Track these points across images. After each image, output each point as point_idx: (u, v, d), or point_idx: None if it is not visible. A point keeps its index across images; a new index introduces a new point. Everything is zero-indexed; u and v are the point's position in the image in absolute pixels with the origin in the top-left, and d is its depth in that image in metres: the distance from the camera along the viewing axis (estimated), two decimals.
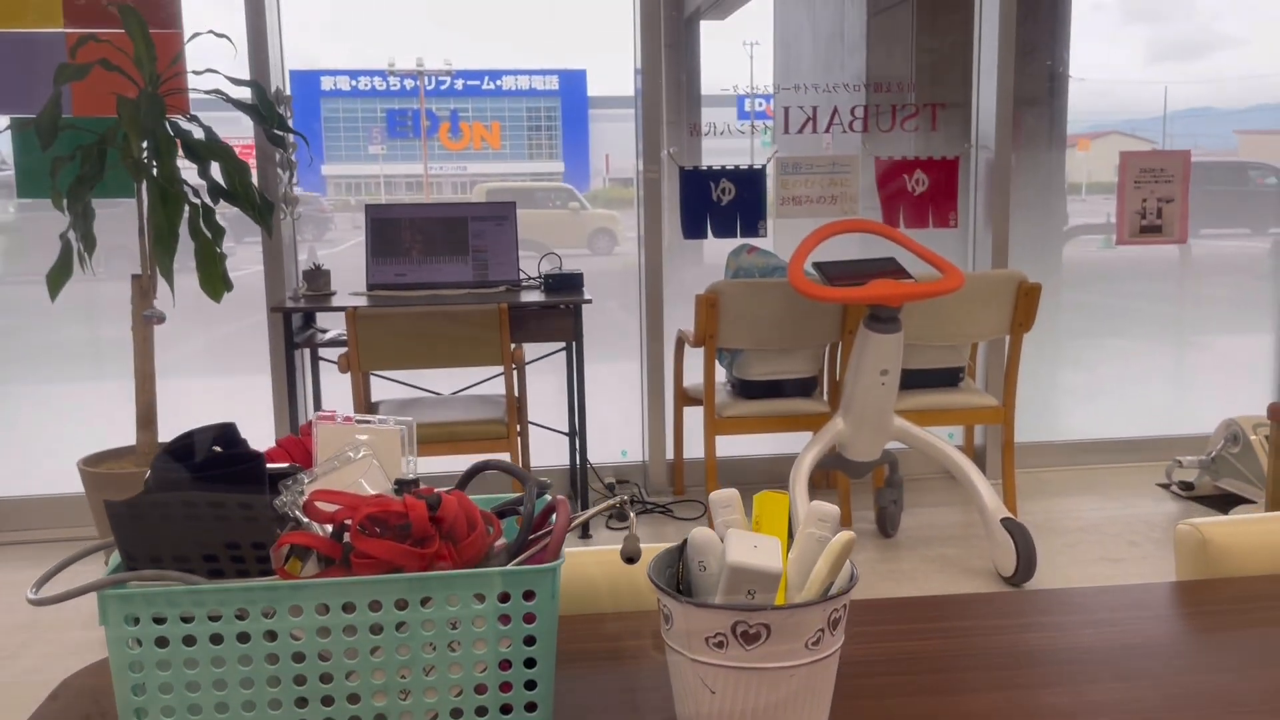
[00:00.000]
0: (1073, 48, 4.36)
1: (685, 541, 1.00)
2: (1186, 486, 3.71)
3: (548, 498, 1.04)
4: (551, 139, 5.80)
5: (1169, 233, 3.95)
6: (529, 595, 0.93)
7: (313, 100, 5.36)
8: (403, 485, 1.01)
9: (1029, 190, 4.24)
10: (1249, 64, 4.77)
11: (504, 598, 0.93)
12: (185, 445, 0.91)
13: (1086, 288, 4.60)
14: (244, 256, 3.88)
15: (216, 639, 0.87)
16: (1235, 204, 5.00)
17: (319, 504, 0.95)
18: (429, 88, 5.22)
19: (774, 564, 0.90)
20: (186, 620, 0.86)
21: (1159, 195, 3.94)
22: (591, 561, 1.22)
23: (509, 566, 0.96)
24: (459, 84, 5.34)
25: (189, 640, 0.87)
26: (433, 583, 0.91)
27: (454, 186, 6.03)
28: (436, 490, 0.99)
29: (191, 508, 0.85)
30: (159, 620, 0.86)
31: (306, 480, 0.97)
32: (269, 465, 0.98)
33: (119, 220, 3.35)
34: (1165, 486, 3.82)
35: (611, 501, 1.02)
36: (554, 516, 1.00)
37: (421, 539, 0.95)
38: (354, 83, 5.46)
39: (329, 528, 0.95)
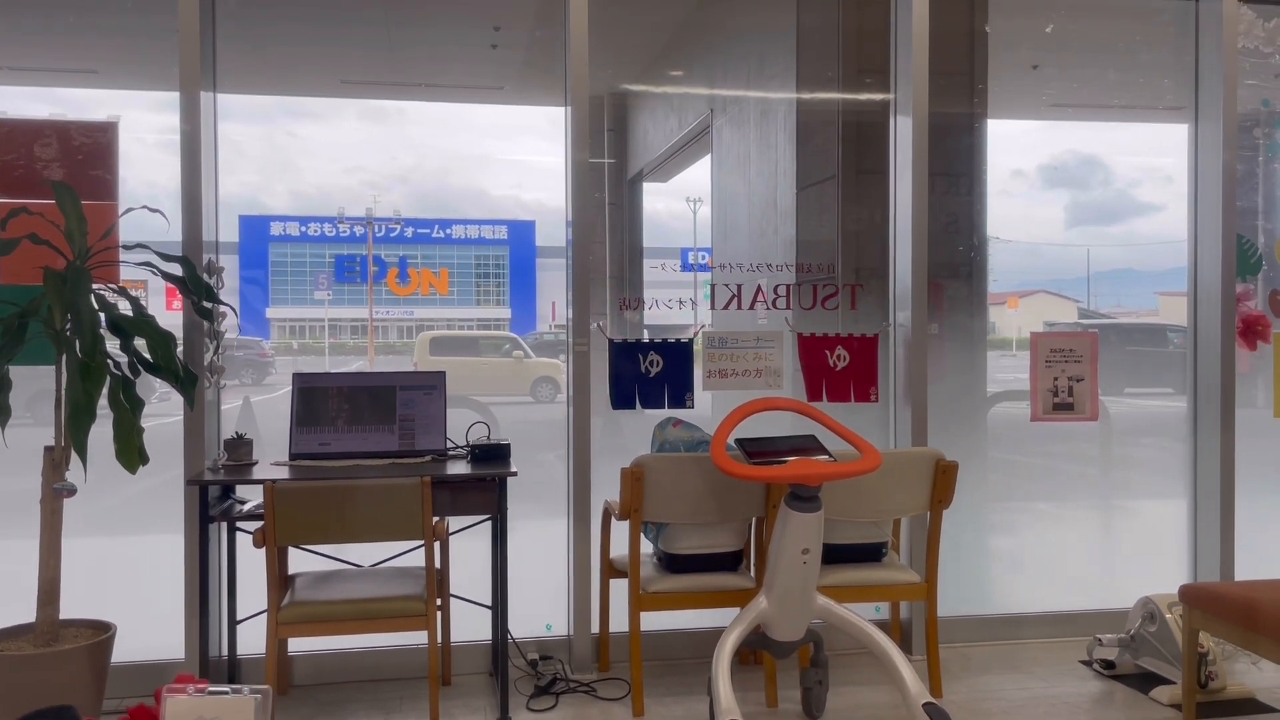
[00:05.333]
0: (995, 212, 4.59)
1: None
2: (1108, 665, 3.72)
3: None
4: (499, 286, 5.90)
5: (1080, 410, 4.09)
6: None
7: (261, 245, 5.42)
8: None
9: (954, 356, 4.38)
10: (1165, 230, 5.05)
11: None
12: None
13: (1012, 448, 4.70)
14: (176, 402, 3.83)
15: None
16: (1157, 364, 5.20)
17: None
18: (378, 234, 5.32)
19: None
20: None
21: (1069, 374, 4.10)
22: None
23: None
24: (409, 231, 5.45)
25: None
26: None
27: (399, 331, 6.06)
28: None
29: None
30: None
31: None
32: None
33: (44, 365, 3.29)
34: (1088, 664, 3.82)
35: None
36: None
37: None
38: (303, 228, 5.55)
39: None
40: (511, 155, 5.13)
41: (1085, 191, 5.11)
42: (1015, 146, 4.79)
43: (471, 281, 5.79)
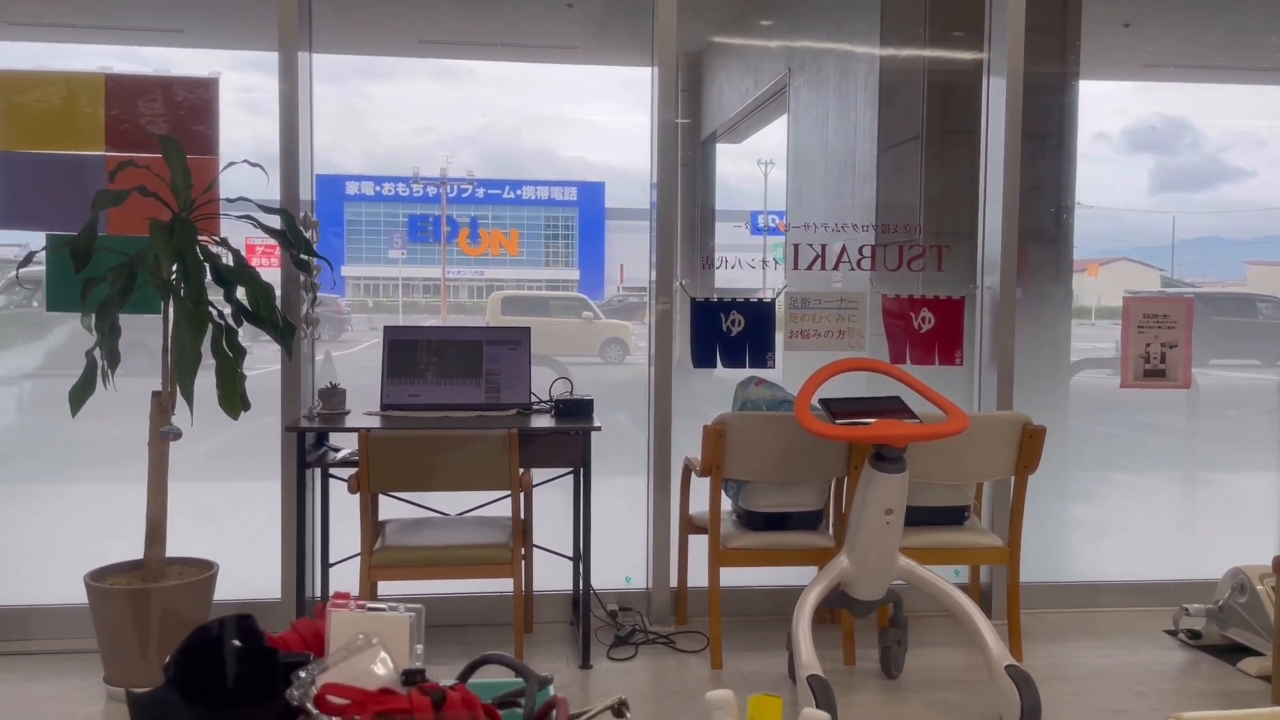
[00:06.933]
0: (1079, 176, 4.49)
1: None
2: (1194, 635, 3.67)
3: (550, 691, 1.07)
4: (568, 248, 5.94)
5: (1173, 377, 4.00)
6: None
7: (336, 204, 5.53)
8: (410, 676, 1.04)
9: (1037, 321, 4.31)
10: (1255, 195, 4.89)
11: None
12: (205, 640, 0.95)
13: (1095, 418, 4.62)
14: (259, 355, 3.96)
15: None
16: (1244, 335, 5.06)
17: (330, 697, 0.98)
18: (451, 195, 5.39)
19: None
20: None
21: (1163, 340, 4.01)
22: None
23: None
24: (480, 192, 5.51)
25: None
26: None
27: (470, 291, 6.15)
28: (441, 685, 1.02)
29: None
30: None
31: (318, 670, 1.00)
32: (283, 653, 1.02)
33: (140, 315, 3.41)
34: (1173, 634, 3.78)
35: (610, 703, 1.04)
36: (554, 713, 1.03)
37: None
38: (378, 188, 5.65)
39: None
40: (580, 116, 5.14)
41: (1172, 155, 4.96)
42: (1099, 109, 4.67)
43: (541, 242, 5.84)
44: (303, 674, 0.98)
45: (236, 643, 0.97)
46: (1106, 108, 4.79)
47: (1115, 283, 4.73)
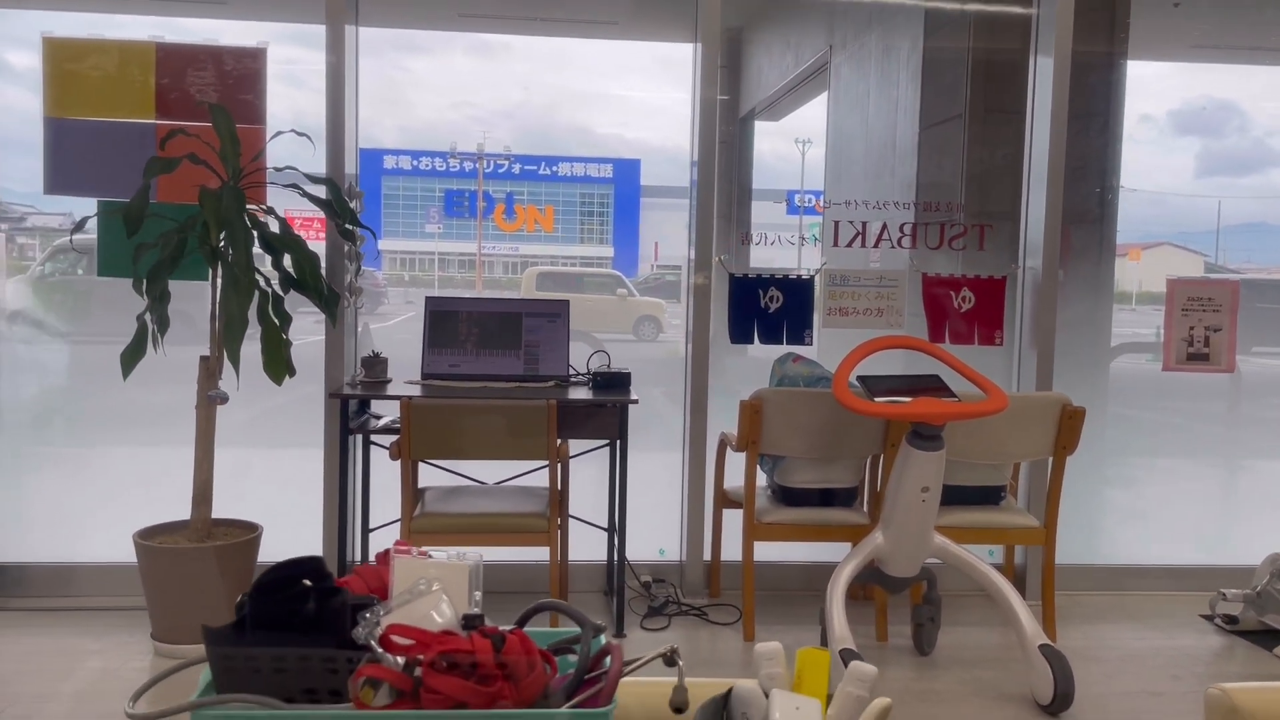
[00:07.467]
0: (1123, 158, 4.43)
1: (730, 692, 1.05)
2: (1230, 620, 3.65)
3: (603, 639, 1.10)
4: (603, 225, 5.95)
5: (1216, 361, 3.96)
6: None
7: (374, 178, 5.57)
8: (469, 620, 1.07)
9: (1078, 304, 4.28)
10: None
11: None
12: (278, 579, 0.99)
13: (1134, 403, 4.58)
14: (299, 326, 4.01)
15: None
16: None
17: (394, 637, 1.01)
18: (487, 170, 5.42)
19: None
20: None
21: (1207, 324, 3.96)
22: (639, 704, 1.26)
23: (565, 708, 1.01)
24: (516, 168, 5.53)
25: None
26: None
27: (505, 266, 6.18)
28: (501, 629, 1.05)
29: (280, 661, 0.92)
30: None
31: (383, 612, 1.04)
32: (350, 595, 1.05)
33: (182, 285, 3.46)
34: (1209, 618, 3.76)
35: (662, 651, 1.07)
36: (608, 660, 1.06)
37: (486, 677, 1.01)
38: (415, 162, 5.68)
39: (402, 659, 1.02)
40: (618, 92, 5.12)
41: (1219, 139, 4.88)
42: (1145, 90, 4.59)
43: (576, 219, 5.85)
44: (368, 615, 1.01)
45: (307, 582, 1.01)
46: (1150, 88, 4.71)
47: (1157, 268, 4.67)
